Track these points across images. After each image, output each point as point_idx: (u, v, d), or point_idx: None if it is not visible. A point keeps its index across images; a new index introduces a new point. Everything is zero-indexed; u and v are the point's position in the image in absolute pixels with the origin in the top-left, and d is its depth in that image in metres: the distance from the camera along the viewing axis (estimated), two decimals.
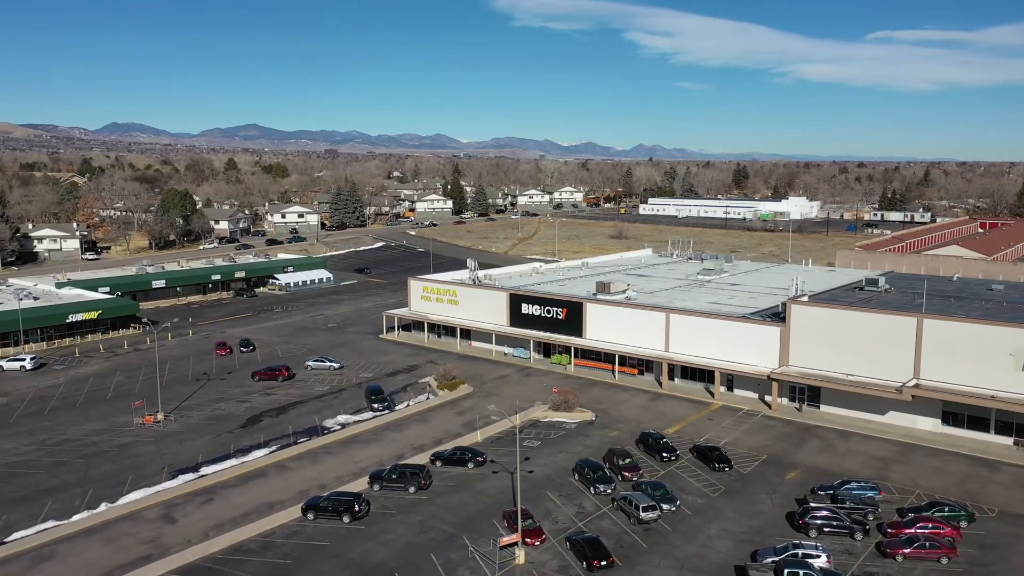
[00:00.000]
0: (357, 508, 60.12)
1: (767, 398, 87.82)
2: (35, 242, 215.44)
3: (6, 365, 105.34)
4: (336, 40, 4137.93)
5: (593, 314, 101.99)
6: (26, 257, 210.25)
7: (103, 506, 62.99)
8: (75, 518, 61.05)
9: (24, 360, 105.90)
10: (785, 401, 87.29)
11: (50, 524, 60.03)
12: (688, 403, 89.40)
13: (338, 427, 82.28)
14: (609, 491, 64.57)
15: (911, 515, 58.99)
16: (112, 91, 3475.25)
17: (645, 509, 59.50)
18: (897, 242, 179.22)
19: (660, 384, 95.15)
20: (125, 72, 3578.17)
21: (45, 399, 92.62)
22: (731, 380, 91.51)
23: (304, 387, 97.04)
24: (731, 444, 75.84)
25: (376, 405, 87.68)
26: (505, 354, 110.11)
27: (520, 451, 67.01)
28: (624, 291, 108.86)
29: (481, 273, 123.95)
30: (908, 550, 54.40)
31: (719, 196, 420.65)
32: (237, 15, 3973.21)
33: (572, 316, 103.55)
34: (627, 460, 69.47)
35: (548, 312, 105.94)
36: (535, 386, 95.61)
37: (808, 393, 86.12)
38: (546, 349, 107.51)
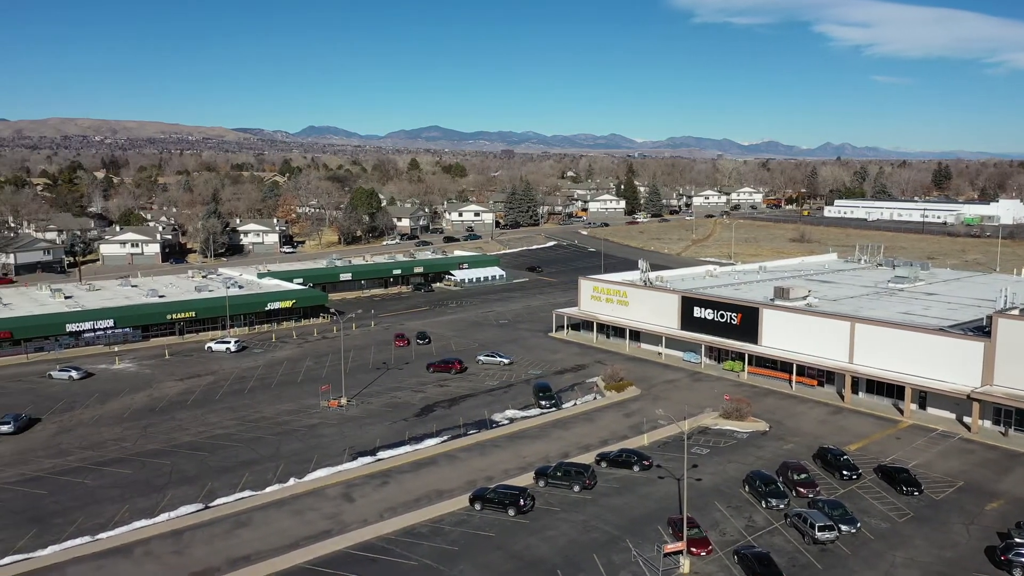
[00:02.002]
0: (522, 502, 61.09)
1: (966, 419, 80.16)
2: (241, 235, 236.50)
3: (214, 347, 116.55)
4: (514, 42, 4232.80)
5: (770, 320, 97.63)
6: (233, 249, 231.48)
7: (292, 481, 68.06)
8: (268, 490, 66.39)
9: (229, 343, 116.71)
10: (988, 424, 79.31)
11: (247, 493, 65.66)
12: (873, 419, 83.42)
13: (506, 421, 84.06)
14: (782, 506, 61.54)
15: None
16: (311, 97, 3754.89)
17: (822, 528, 56.10)
18: None
19: (842, 397, 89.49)
20: (323, 80, 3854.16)
21: (245, 379, 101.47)
22: (923, 397, 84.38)
23: (475, 381, 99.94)
24: (921, 467, 69.93)
25: (543, 402, 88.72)
26: (659, 353, 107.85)
27: (688, 457, 65.32)
28: (804, 297, 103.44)
29: (652, 274, 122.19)
30: None
31: (916, 198, 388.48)
32: (422, 23, 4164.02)
33: (747, 321, 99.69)
34: (803, 475, 65.87)
35: (721, 316, 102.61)
36: (705, 392, 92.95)
37: (1016, 417, 77.73)
38: (718, 354, 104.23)
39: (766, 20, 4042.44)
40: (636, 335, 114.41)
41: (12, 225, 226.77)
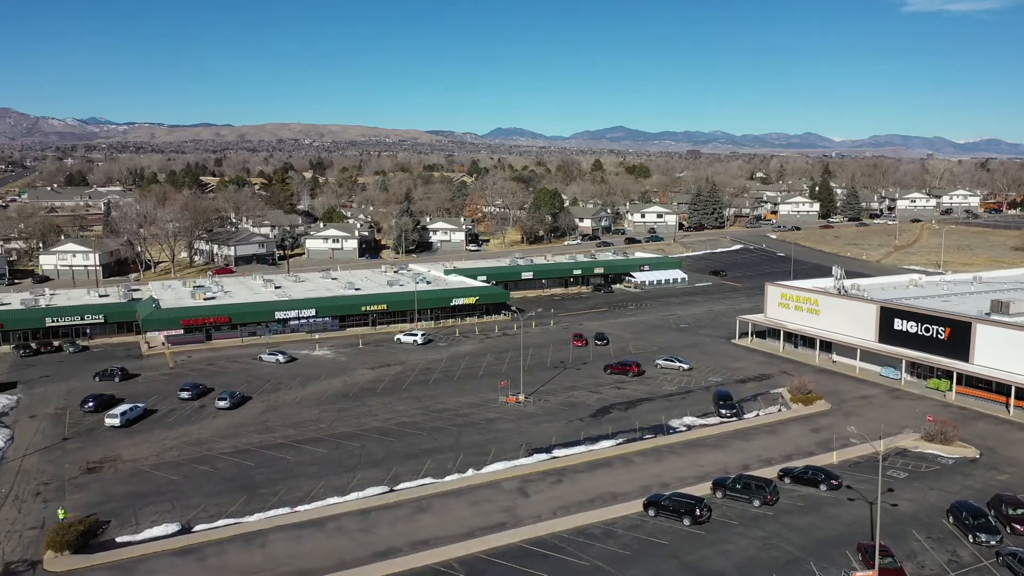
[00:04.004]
0: (698, 512, 59.42)
1: None
2: (430, 233, 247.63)
3: (403, 338, 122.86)
4: (703, 37, 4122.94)
5: (984, 336, 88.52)
6: (423, 246, 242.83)
7: (470, 472, 70.27)
8: (447, 478, 68.96)
9: (417, 335, 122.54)
10: None
11: (428, 480, 68.60)
12: None
13: (684, 428, 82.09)
14: (993, 543, 55.56)
15: None
16: (499, 100, 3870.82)
17: None
18: None
19: None
20: (510, 83, 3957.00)
21: (430, 371, 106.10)
22: None
23: (653, 384, 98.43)
24: None
25: (724, 411, 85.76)
26: (852, 366, 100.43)
27: (883, 480, 60.63)
28: None
29: (848, 282, 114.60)
30: None
31: None
32: (608, 25, 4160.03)
33: (957, 337, 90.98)
34: (1020, 511, 59.12)
35: (926, 330, 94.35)
36: (904, 411, 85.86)
37: None
38: (921, 371, 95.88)
39: (989, 6, 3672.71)
40: (827, 346, 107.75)
41: (234, 220, 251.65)
